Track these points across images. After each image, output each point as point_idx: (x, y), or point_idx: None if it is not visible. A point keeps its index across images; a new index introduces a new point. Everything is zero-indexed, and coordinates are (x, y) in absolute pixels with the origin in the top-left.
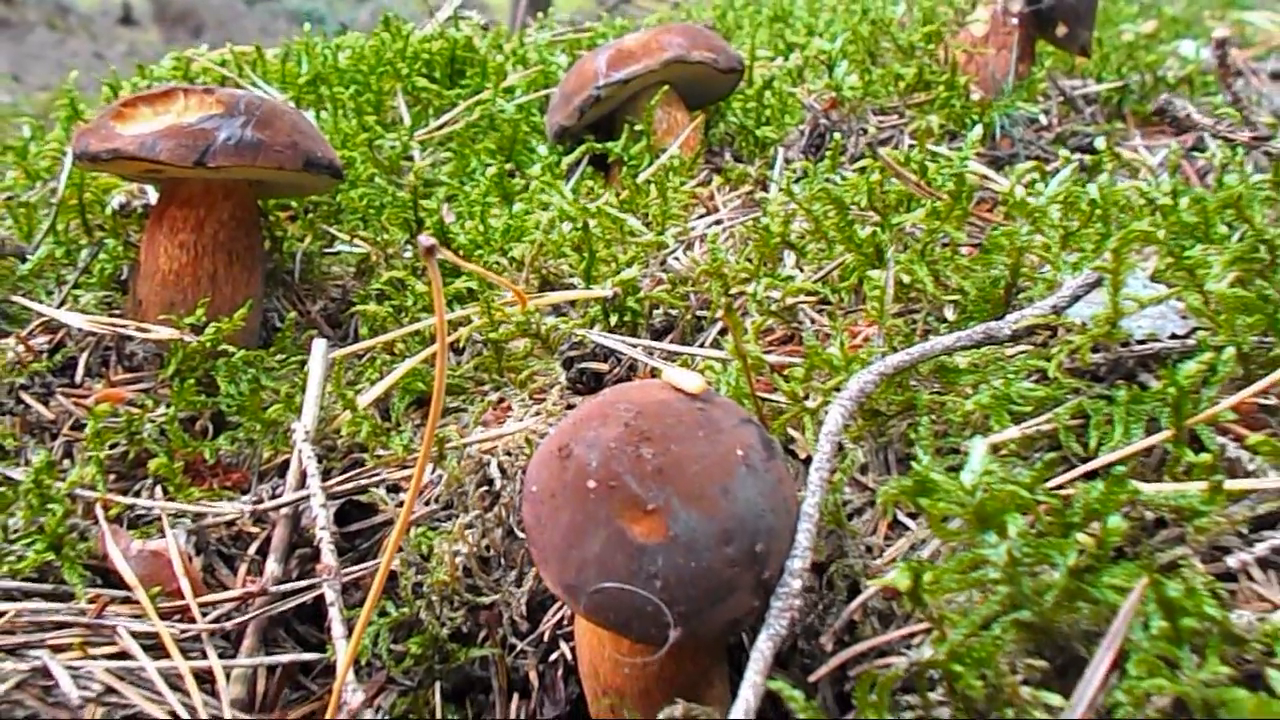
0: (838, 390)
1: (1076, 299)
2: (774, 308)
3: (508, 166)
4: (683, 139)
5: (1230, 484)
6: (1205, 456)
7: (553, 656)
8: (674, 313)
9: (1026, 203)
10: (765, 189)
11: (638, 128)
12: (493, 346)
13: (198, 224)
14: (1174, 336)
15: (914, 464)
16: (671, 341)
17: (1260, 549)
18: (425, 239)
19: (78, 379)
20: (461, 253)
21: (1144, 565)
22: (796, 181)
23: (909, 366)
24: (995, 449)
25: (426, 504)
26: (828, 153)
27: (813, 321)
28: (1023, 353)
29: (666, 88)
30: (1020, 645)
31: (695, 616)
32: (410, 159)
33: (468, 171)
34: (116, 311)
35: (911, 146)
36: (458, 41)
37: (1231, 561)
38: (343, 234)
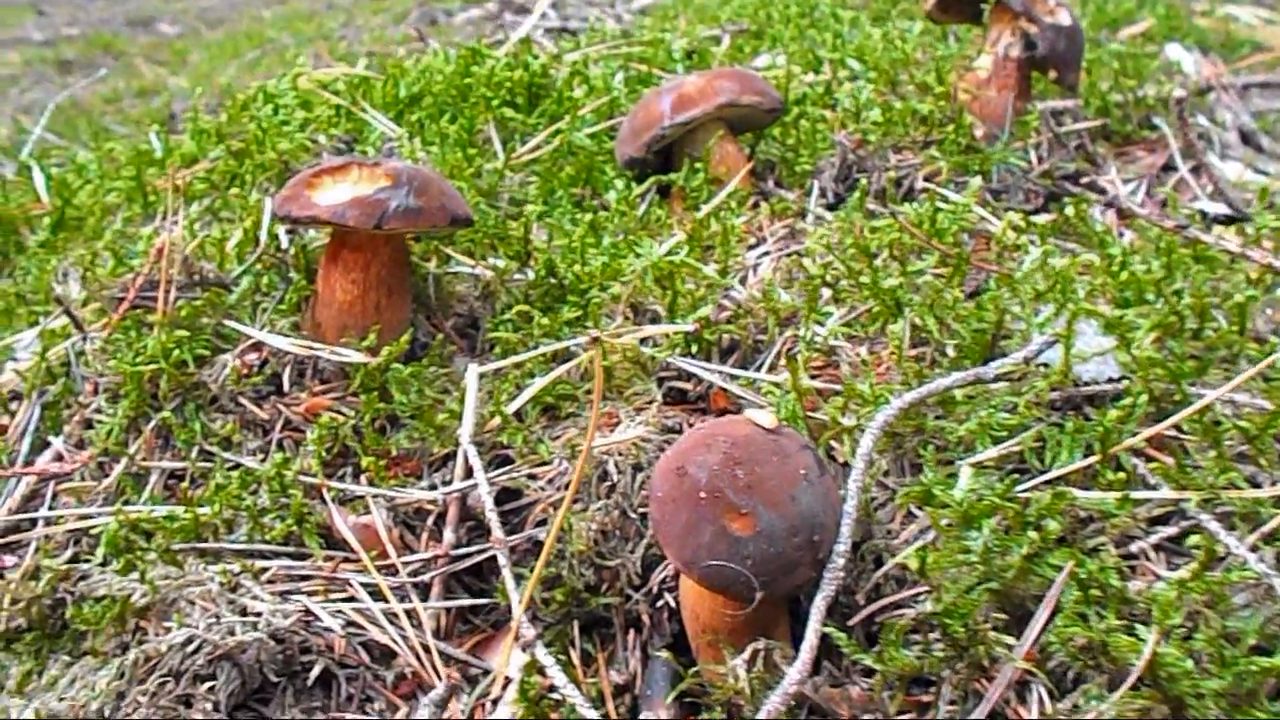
0: (869, 419)
1: (1040, 352)
2: (818, 345)
3: (586, 190)
4: (740, 178)
5: (1136, 494)
6: (1121, 475)
7: (659, 603)
8: (737, 338)
9: (1010, 276)
10: (804, 217)
11: (697, 164)
12: (605, 370)
13: (365, 265)
14: (1110, 380)
15: (922, 476)
16: (734, 363)
17: (1153, 539)
18: (593, 332)
19: (285, 389)
20: (568, 284)
21: (1071, 552)
22: (831, 210)
23: (920, 401)
24: (980, 466)
25: (558, 489)
26: (856, 194)
27: (846, 354)
28: (1001, 389)
29: (721, 131)
30: (990, 604)
31: (773, 584)
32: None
33: (553, 195)
34: (305, 334)
35: (923, 191)
36: (535, 71)
37: (1134, 547)
38: (457, 255)
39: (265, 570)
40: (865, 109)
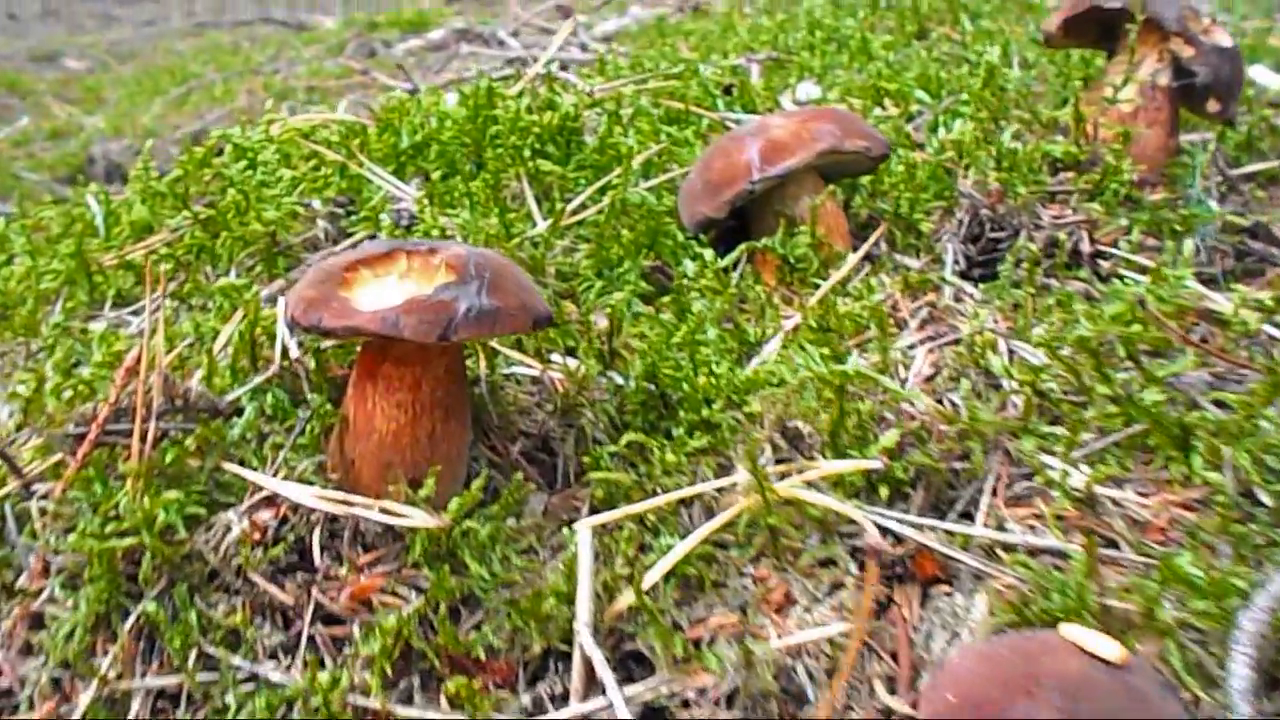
0: (1209, 615)
1: None
2: (1076, 491)
3: (655, 262)
4: (860, 254)
5: None
6: None
7: None
8: (922, 468)
9: None
10: (939, 291)
11: (799, 227)
12: (767, 529)
13: (415, 382)
14: None
15: None
16: (923, 505)
17: None
18: (871, 540)
19: (314, 558)
20: (686, 403)
21: None
22: (966, 279)
23: None
24: None
25: (716, 703)
26: (1024, 262)
27: (1111, 503)
28: None
29: (832, 188)
30: None
31: None
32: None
33: (610, 268)
34: (334, 477)
35: (1093, 255)
36: (566, 113)
37: None
38: (509, 350)
39: None
40: (1005, 151)
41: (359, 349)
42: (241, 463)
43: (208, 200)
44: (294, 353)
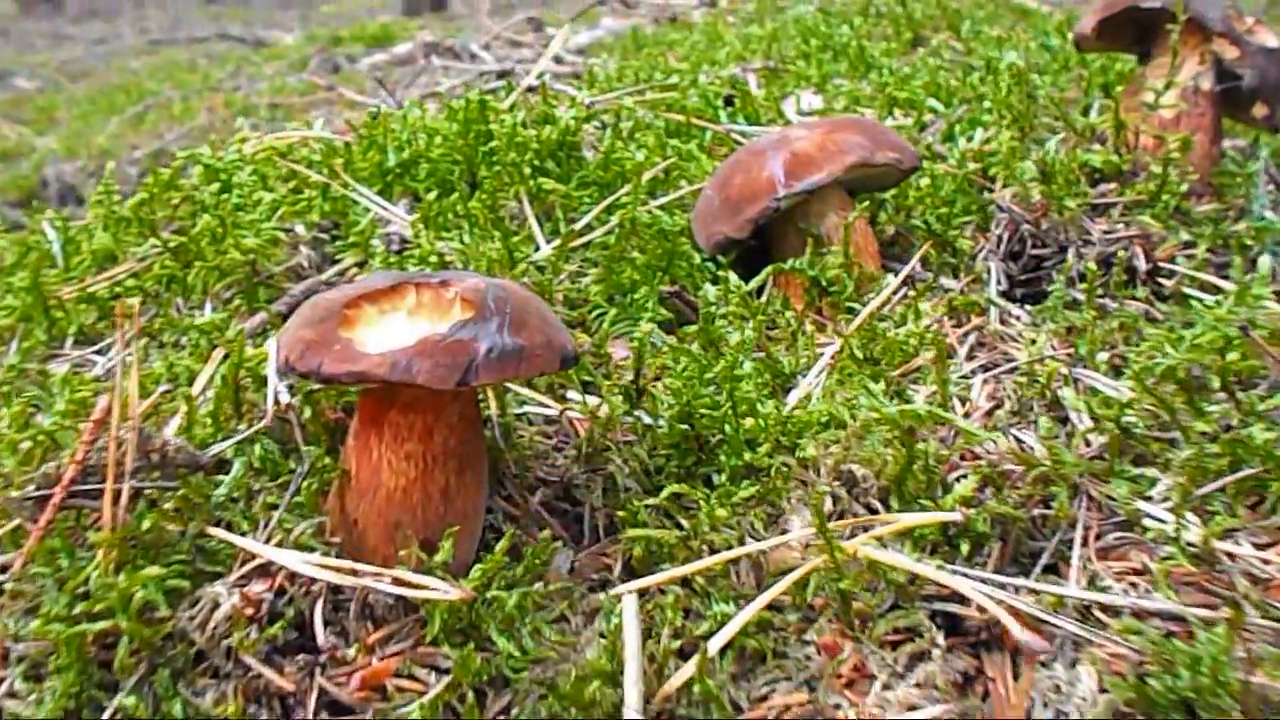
0: None
1: None
2: (1193, 548)
3: (672, 287)
4: (902, 277)
5: None
6: None
7: None
8: (1002, 515)
9: None
10: (985, 313)
11: (831, 247)
12: (838, 594)
13: (426, 431)
14: None
15: None
16: (1001, 559)
17: None
18: (1021, 637)
19: (315, 634)
20: (727, 446)
21: None
22: (1007, 298)
23: None
24: None
25: None
26: (1081, 283)
27: (1230, 558)
28: None
29: (867, 202)
30: None
31: None
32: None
33: (623, 294)
34: (335, 539)
35: (1150, 271)
36: (567, 128)
37: None
38: (521, 387)
39: None
40: (1049, 161)
41: (360, 393)
42: (229, 526)
43: (177, 226)
44: (284, 398)
